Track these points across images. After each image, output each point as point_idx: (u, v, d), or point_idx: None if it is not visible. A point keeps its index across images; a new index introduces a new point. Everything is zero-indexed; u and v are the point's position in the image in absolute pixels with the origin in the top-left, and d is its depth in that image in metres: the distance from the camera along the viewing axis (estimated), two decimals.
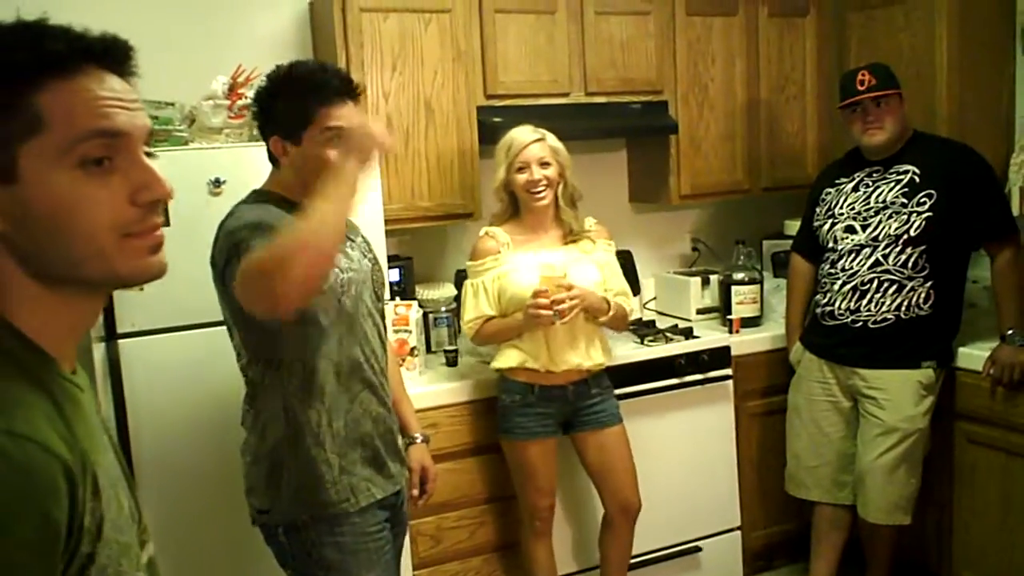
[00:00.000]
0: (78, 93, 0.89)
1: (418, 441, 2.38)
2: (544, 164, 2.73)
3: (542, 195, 2.73)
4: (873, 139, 2.94)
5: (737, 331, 3.45)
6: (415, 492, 2.34)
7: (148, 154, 0.95)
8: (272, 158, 2.08)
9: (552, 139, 2.76)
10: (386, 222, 2.80)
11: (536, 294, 2.61)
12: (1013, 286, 2.89)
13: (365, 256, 2.17)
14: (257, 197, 2.05)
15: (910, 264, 2.89)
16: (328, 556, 2.02)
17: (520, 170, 2.72)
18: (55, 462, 0.82)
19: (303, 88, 1.98)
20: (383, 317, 2.25)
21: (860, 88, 2.91)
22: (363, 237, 2.25)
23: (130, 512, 0.98)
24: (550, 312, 2.59)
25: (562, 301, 2.59)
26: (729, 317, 3.49)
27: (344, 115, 2.00)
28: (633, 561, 3.02)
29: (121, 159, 0.91)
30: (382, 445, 2.14)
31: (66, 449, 0.84)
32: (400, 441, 2.25)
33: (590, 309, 2.71)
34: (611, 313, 2.77)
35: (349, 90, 2.03)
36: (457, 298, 3.13)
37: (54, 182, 0.88)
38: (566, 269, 2.70)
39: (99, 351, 2.43)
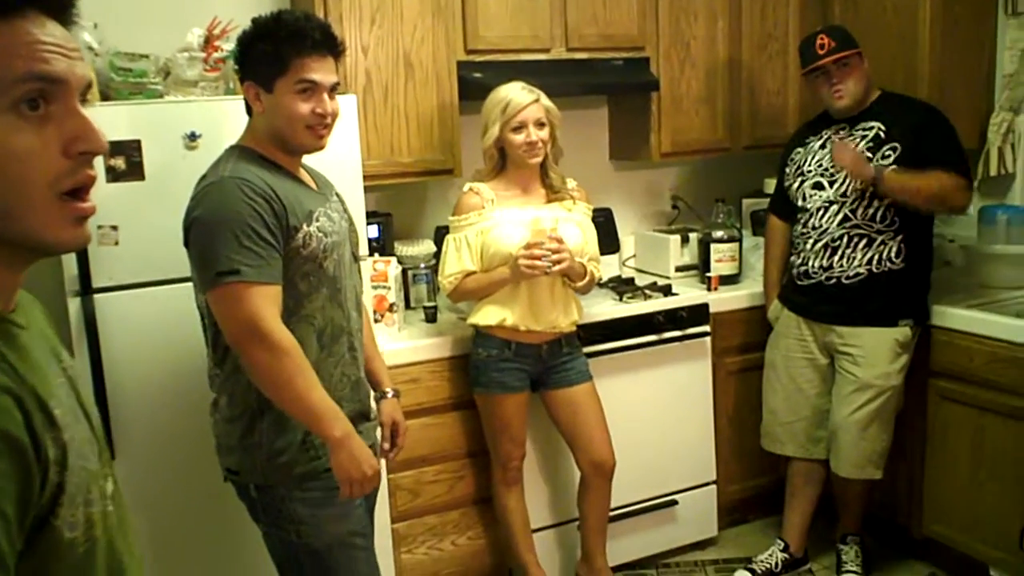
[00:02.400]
0: (17, 35, 0.86)
1: (389, 395, 2.37)
2: (540, 125, 2.73)
3: (535, 154, 2.74)
4: (841, 102, 2.97)
5: (716, 288, 3.47)
6: (386, 446, 2.34)
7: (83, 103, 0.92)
8: (248, 109, 2.06)
9: (545, 99, 2.76)
10: (365, 178, 2.79)
11: (529, 246, 2.63)
12: (935, 185, 2.84)
13: (342, 216, 2.16)
14: (240, 154, 2.01)
15: (878, 217, 2.91)
16: (299, 512, 2.03)
17: (517, 130, 2.71)
18: (1, 393, 0.82)
19: (282, 35, 1.94)
20: (360, 277, 2.26)
21: (820, 52, 2.93)
22: (338, 195, 2.23)
23: (90, 443, 0.98)
24: (543, 263, 2.61)
25: (556, 251, 2.63)
26: (708, 275, 3.51)
27: (321, 69, 1.97)
28: (610, 514, 3.06)
29: (56, 107, 0.89)
30: (358, 407, 2.15)
31: (5, 378, 0.84)
32: (372, 397, 2.27)
33: (569, 272, 2.74)
34: (586, 279, 2.82)
35: (331, 45, 1.99)
36: (437, 254, 3.13)
37: None
38: (556, 222, 2.72)
39: (74, 306, 2.42)
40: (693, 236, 3.68)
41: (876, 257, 2.93)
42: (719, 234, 3.55)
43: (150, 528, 2.48)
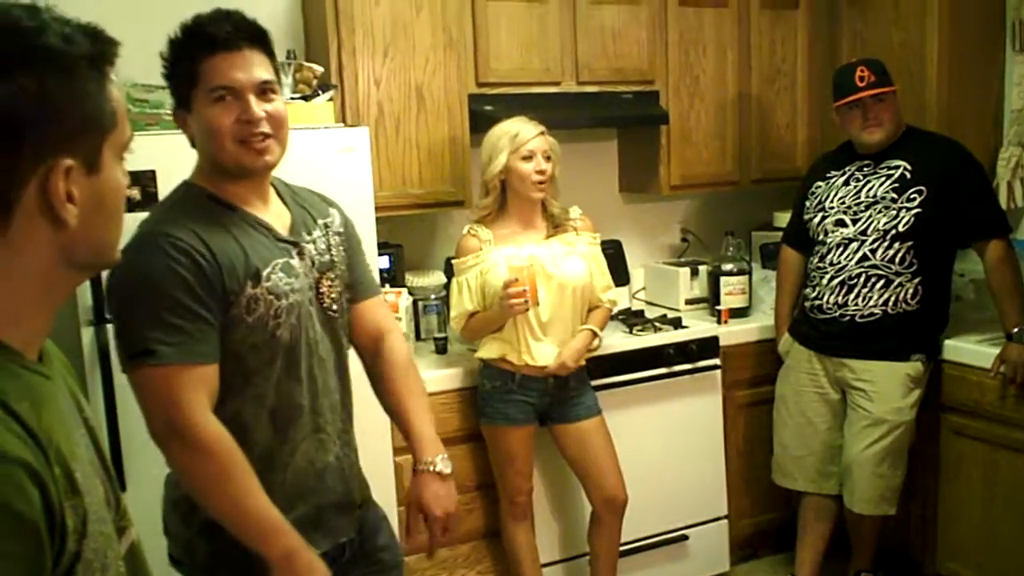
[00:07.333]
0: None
1: (419, 469, 1.82)
2: (547, 158, 2.75)
3: (543, 187, 2.76)
4: (873, 137, 2.94)
5: (725, 321, 3.46)
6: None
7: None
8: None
9: (548, 136, 2.81)
10: (376, 209, 2.79)
11: (507, 284, 2.64)
12: (1010, 282, 2.86)
13: (325, 253, 1.80)
14: (181, 196, 1.72)
15: (897, 259, 2.90)
16: None
17: (527, 159, 2.74)
18: (15, 467, 0.79)
19: (188, 41, 1.63)
20: (347, 332, 1.86)
21: (860, 85, 2.89)
22: (324, 223, 1.83)
23: (106, 500, 0.96)
24: (522, 300, 2.61)
25: (532, 291, 2.65)
26: (718, 307, 3.50)
27: (236, 67, 1.61)
28: (620, 549, 3.03)
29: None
30: (327, 503, 1.79)
31: (25, 449, 0.81)
32: (356, 490, 1.89)
33: (581, 352, 2.81)
34: (596, 341, 2.86)
35: (246, 35, 1.63)
36: (447, 286, 3.14)
37: (116, 172, 0.97)
38: (532, 259, 2.72)
39: (88, 335, 2.42)
40: (703, 269, 3.68)
41: (892, 299, 2.91)
42: (729, 267, 3.55)
43: (160, 558, 2.45)
